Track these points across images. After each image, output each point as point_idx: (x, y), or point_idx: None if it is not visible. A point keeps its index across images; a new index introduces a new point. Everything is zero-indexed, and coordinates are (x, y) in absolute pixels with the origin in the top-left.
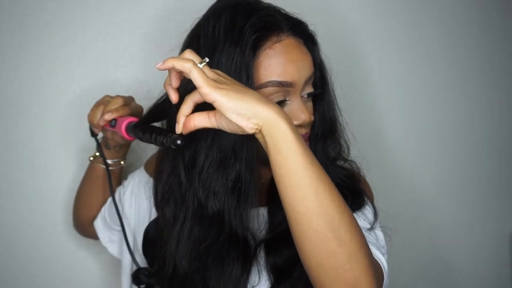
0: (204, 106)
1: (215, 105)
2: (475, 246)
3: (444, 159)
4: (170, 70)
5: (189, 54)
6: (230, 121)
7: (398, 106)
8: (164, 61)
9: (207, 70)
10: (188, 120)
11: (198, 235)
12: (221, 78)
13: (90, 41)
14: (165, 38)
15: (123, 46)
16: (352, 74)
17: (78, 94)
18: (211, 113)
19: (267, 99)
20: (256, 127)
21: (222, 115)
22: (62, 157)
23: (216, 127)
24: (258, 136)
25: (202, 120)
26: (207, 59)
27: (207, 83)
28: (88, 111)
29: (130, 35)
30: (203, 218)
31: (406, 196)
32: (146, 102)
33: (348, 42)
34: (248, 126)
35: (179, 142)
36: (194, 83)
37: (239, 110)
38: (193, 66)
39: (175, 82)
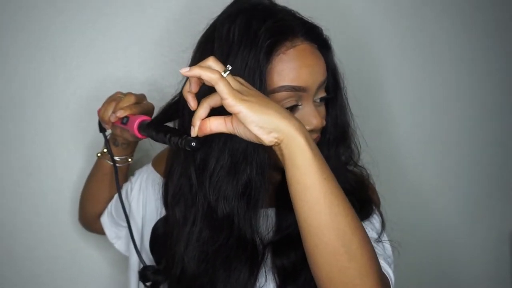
0: (219, 110)
1: (239, 116)
2: (475, 246)
3: (448, 161)
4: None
5: (212, 62)
6: (247, 129)
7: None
8: (190, 69)
9: (230, 79)
10: (204, 124)
11: (207, 237)
12: (244, 87)
13: (90, 41)
14: (164, 38)
15: (123, 46)
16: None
17: (78, 94)
18: (227, 119)
19: (288, 112)
20: (276, 140)
21: (240, 122)
22: (63, 157)
23: (232, 133)
24: (275, 148)
25: (218, 125)
26: (229, 67)
27: (232, 95)
28: (88, 111)
29: (130, 35)
30: (213, 221)
31: (412, 200)
32: None
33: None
34: (268, 139)
35: (194, 144)
36: (219, 94)
37: (261, 124)
38: (220, 78)
39: (195, 88)
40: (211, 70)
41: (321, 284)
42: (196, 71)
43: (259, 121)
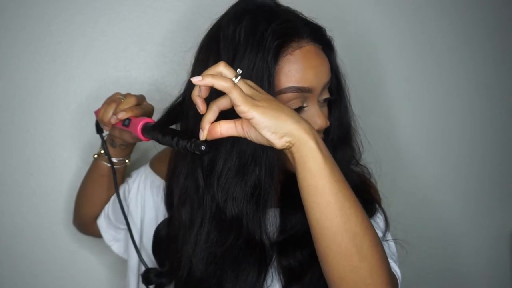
0: (227, 112)
1: (252, 122)
2: (475, 246)
3: (449, 161)
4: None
5: (223, 67)
6: (259, 133)
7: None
8: (203, 77)
9: (242, 84)
10: (213, 128)
11: (215, 239)
12: (255, 91)
13: (90, 41)
14: (164, 38)
15: (123, 46)
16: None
17: (78, 94)
18: (238, 122)
19: (298, 115)
20: (288, 144)
21: (251, 126)
22: (62, 157)
23: (243, 136)
24: (286, 151)
25: (228, 129)
26: (240, 71)
27: (245, 102)
28: (88, 111)
29: (130, 35)
30: (221, 222)
31: (412, 200)
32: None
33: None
34: (280, 143)
35: (203, 148)
36: (233, 101)
37: (274, 129)
38: (233, 87)
39: (205, 94)
40: (224, 79)
41: (333, 284)
42: (209, 80)
43: (271, 126)
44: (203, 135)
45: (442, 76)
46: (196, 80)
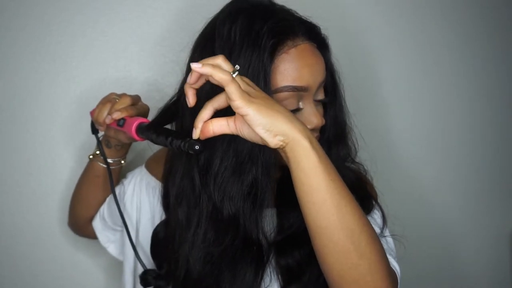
0: (222, 111)
1: (246, 118)
2: (475, 246)
3: (448, 160)
4: (195, 71)
5: (222, 61)
6: (252, 130)
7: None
8: (203, 65)
9: (239, 80)
10: (206, 126)
11: (212, 239)
12: (250, 88)
13: (90, 41)
14: (164, 38)
15: (123, 46)
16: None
17: (78, 94)
18: (230, 120)
19: (292, 115)
20: (281, 143)
21: (244, 123)
22: (62, 157)
23: (235, 134)
24: (280, 150)
25: (221, 127)
26: (238, 67)
27: (242, 97)
28: (88, 111)
29: (130, 36)
30: (218, 222)
31: (410, 199)
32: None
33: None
34: (273, 142)
35: (197, 147)
36: (228, 96)
37: (268, 127)
38: (231, 80)
39: (193, 80)
40: (222, 71)
41: (332, 282)
42: (208, 69)
43: (266, 124)
44: (196, 134)
45: (442, 76)
46: (195, 66)
